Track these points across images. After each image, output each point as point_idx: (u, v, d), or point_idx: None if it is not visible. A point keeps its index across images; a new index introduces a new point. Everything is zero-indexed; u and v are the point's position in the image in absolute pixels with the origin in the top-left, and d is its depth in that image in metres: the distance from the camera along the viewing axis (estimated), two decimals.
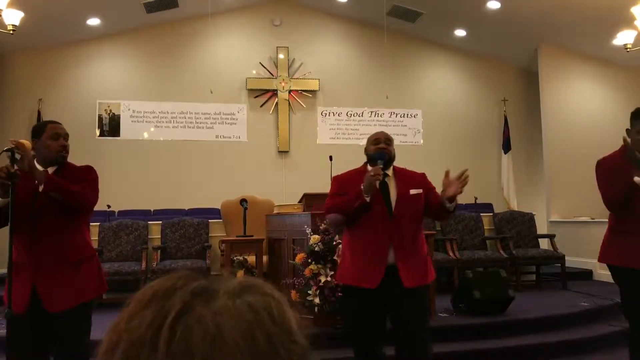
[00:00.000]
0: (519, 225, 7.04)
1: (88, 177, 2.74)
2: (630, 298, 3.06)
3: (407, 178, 2.98)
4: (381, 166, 2.82)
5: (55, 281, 2.50)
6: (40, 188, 2.45)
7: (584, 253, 7.22)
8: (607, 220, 3.31)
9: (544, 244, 7.14)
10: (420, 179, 3.00)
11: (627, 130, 3.14)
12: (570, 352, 4.27)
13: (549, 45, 8.80)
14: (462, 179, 2.71)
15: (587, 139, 8.57)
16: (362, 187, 2.76)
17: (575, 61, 8.81)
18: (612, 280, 6.83)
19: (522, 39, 8.88)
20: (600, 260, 3.24)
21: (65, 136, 2.67)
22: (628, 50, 7.05)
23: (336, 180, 3.07)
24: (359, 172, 2.95)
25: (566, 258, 6.51)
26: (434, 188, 3.00)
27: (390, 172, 2.96)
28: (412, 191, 2.90)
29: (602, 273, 6.94)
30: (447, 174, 2.77)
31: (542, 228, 7.92)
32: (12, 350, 2.46)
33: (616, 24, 7.30)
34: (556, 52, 8.79)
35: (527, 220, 7.13)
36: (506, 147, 9.69)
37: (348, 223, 2.91)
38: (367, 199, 2.77)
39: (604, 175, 3.09)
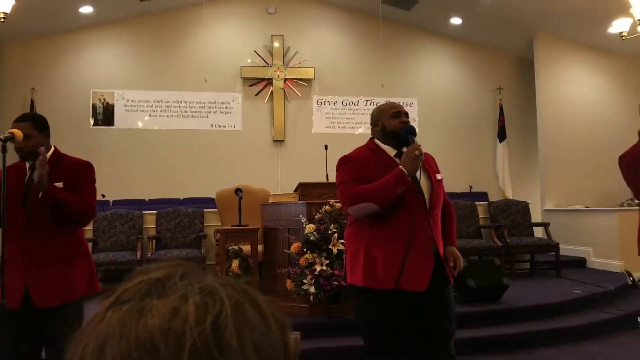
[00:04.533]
0: (513, 214, 7.06)
1: (84, 177, 2.63)
2: None
3: (427, 160, 2.52)
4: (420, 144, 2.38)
5: (46, 277, 2.45)
6: (40, 195, 2.41)
7: (578, 241, 7.26)
8: (602, 208, 3.29)
9: (538, 232, 7.17)
10: (435, 163, 2.61)
11: None
12: (564, 339, 4.31)
13: (544, 34, 8.78)
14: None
15: (582, 128, 8.59)
16: (401, 169, 2.30)
17: (571, 49, 8.80)
18: (605, 269, 6.88)
19: (517, 27, 8.85)
20: None
21: (27, 136, 2.51)
22: (624, 38, 7.03)
23: (351, 163, 2.48)
24: (373, 151, 2.51)
25: (560, 246, 6.54)
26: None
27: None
28: (438, 176, 2.52)
29: (596, 261, 6.99)
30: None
31: (536, 216, 7.95)
32: (3, 346, 2.41)
33: (612, 12, 7.27)
34: (552, 40, 8.77)
35: (522, 208, 7.15)
36: (501, 135, 9.70)
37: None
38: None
39: (636, 171, 3.03)
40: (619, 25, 7.08)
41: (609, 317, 4.66)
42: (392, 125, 2.48)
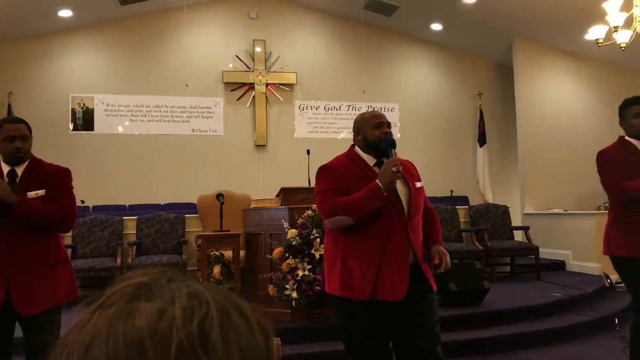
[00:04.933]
0: (494, 218, 7.13)
1: (63, 183, 2.61)
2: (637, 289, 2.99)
3: (407, 168, 2.50)
4: (399, 157, 2.36)
5: (29, 283, 2.42)
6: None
7: (558, 244, 7.36)
8: (580, 212, 3.33)
9: (518, 235, 7.26)
10: (416, 170, 2.60)
11: (620, 122, 3.13)
12: (544, 341, 4.36)
13: (523, 40, 8.91)
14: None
15: (560, 132, 8.73)
16: (378, 183, 2.28)
17: (549, 55, 8.94)
18: (583, 271, 6.97)
19: (497, 33, 8.97)
20: (606, 252, 3.21)
21: (22, 137, 2.51)
22: (599, 45, 7.16)
23: (329, 172, 2.46)
24: (353, 161, 2.49)
25: (540, 249, 6.62)
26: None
27: None
28: (418, 184, 2.50)
29: (575, 264, 7.09)
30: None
31: (516, 220, 8.05)
32: None
33: (588, 19, 7.41)
34: (530, 46, 8.91)
35: (502, 212, 7.23)
36: (481, 140, 9.80)
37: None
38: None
39: (616, 168, 3.05)
40: (595, 32, 7.20)
41: (588, 319, 4.73)
42: (373, 135, 2.46)
